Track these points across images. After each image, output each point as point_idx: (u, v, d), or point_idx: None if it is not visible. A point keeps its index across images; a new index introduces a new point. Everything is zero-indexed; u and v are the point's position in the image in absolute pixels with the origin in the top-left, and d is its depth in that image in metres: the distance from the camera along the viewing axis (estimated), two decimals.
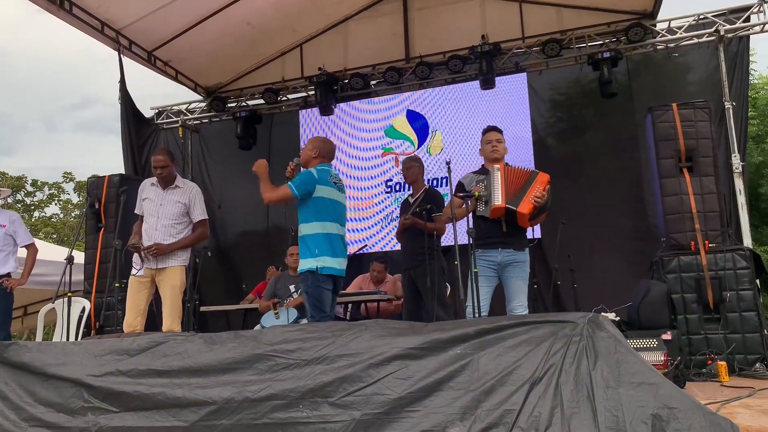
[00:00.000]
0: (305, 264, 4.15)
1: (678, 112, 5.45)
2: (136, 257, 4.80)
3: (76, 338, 5.90)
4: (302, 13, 7.90)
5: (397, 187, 7.85)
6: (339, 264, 4.21)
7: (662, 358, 3.94)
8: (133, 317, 4.65)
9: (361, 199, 8.01)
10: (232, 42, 7.92)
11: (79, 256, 6.38)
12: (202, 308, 6.87)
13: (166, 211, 4.81)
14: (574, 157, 7.52)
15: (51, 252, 8.41)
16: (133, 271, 4.75)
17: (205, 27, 7.48)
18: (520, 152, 7.20)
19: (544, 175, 4.23)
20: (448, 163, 4.33)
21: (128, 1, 6.84)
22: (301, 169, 4.38)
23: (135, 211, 4.98)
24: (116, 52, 7.32)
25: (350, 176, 8.05)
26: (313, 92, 8.19)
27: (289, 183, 4.17)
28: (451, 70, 7.74)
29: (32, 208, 24.14)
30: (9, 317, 5.45)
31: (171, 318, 4.66)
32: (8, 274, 5.40)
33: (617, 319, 4.82)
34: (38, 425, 3.21)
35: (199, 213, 4.96)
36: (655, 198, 5.85)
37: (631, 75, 7.46)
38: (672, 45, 7.21)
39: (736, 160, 6.45)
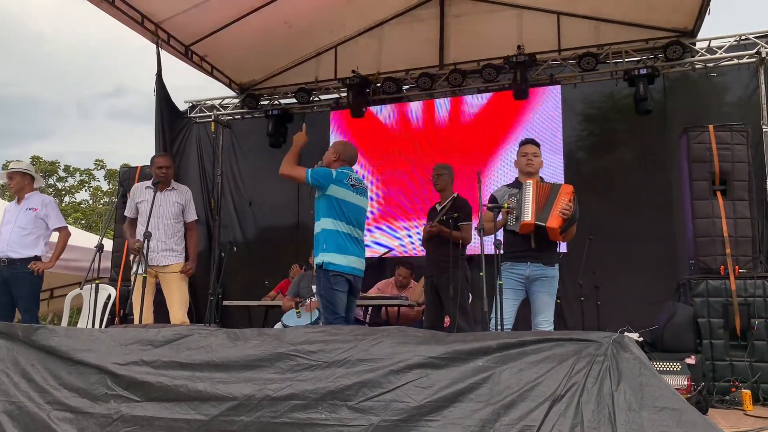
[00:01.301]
0: (316, 260, 4.27)
1: (714, 133, 5.37)
2: (134, 256, 5.02)
3: (101, 325, 6.00)
4: (339, 15, 7.95)
5: None
6: (352, 263, 4.26)
7: (685, 383, 3.89)
8: (145, 312, 4.83)
9: (388, 203, 8.02)
10: (269, 40, 7.99)
11: (107, 244, 6.48)
12: (225, 302, 6.94)
13: (165, 211, 5.13)
14: (604, 172, 7.46)
15: (79, 238, 8.56)
16: (139, 270, 4.89)
17: (243, 24, 7.55)
18: (550, 164, 7.14)
19: (567, 186, 4.22)
20: (478, 174, 4.31)
21: None
22: None
23: (126, 213, 5.26)
24: (153, 44, 7.43)
25: (378, 179, 8.07)
26: (345, 94, 8.22)
27: (309, 168, 4.29)
28: (484, 79, 7.71)
29: (63, 193, 24.57)
30: (36, 300, 5.54)
31: (182, 310, 4.89)
32: (37, 257, 5.48)
33: (640, 339, 4.76)
34: (62, 409, 3.27)
35: (193, 214, 5.32)
36: (685, 219, 5.77)
37: (667, 92, 7.37)
38: (711, 65, 7.11)
39: None
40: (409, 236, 7.80)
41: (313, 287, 5.92)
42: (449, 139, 7.90)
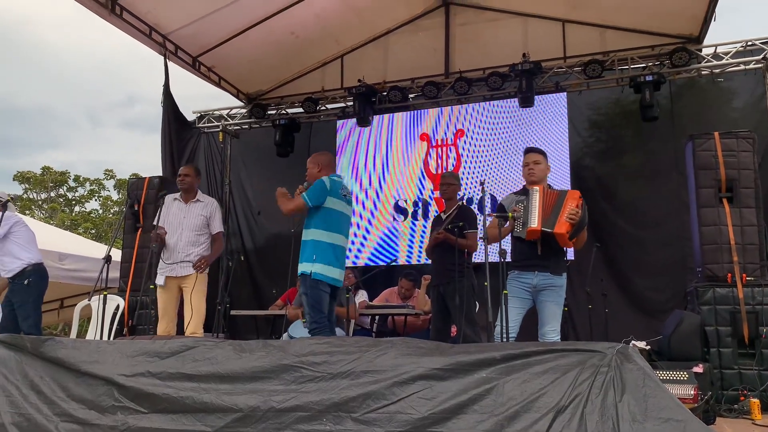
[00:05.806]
0: (301, 267, 4.31)
1: (720, 140, 5.35)
2: (160, 268, 5.12)
3: (110, 335, 6.03)
4: (345, 25, 7.99)
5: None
6: (336, 275, 4.36)
7: (692, 392, 3.86)
8: (167, 323, 4.91)
9: (394, 211, 8.03)
10: (276, 51, 8.04)
11: (116, 254, 6.52)
12: (233, 312, 6.96)
13: (189, 223, 5.21)
14: (611, 178, 7.43)
15: (89, 248, 8.64)
16: (159, 281, 5.09)
17: (249, 35, 7.61)
18: (557, 171, 7.14)
19: (574, 192, 4.23)
20: (482, 183, 4.33)
21: (176, 8, 7.00)
22: None
23: (154, 223, 5.29)
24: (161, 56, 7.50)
25: (384, 188, 8.09)
26: (351, 103, 8.26)
27: (303, 194, 4.35)
28: (490, 87, 7.71)
29: (73, 203, 24.73)
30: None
31: (195, 322, 4.95)
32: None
33: (647, 348, 4.74)
34: (69, 421, 3.30)
35: (218, 226, 5.38)
36: (692, 226, 5.74)
37: (673, 98, 7.34)
38: (717, 71, 7.09)
39: None
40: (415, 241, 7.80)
41: None
42: (456, 148, 7.91)
